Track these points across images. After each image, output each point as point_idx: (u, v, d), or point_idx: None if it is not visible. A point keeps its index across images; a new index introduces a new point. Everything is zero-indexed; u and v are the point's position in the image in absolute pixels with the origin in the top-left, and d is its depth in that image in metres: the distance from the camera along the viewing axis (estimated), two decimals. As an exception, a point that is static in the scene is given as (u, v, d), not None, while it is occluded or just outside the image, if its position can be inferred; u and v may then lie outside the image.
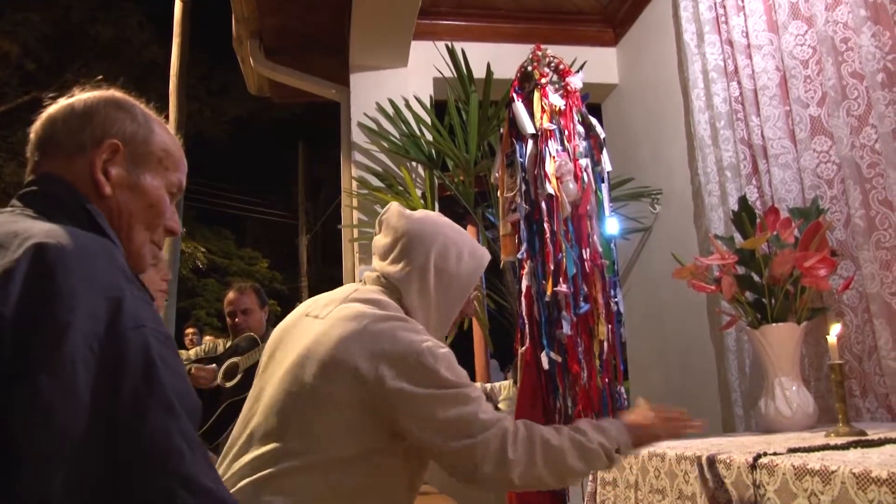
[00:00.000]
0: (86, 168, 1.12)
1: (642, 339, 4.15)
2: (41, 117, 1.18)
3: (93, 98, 1.19)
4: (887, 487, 1.13)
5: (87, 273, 0.91)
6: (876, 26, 2.43)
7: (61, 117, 1.16)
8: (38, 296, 0.86)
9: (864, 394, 2.49)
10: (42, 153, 1.15)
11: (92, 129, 1.14)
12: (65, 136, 1.14)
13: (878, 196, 2.44)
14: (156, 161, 1.20)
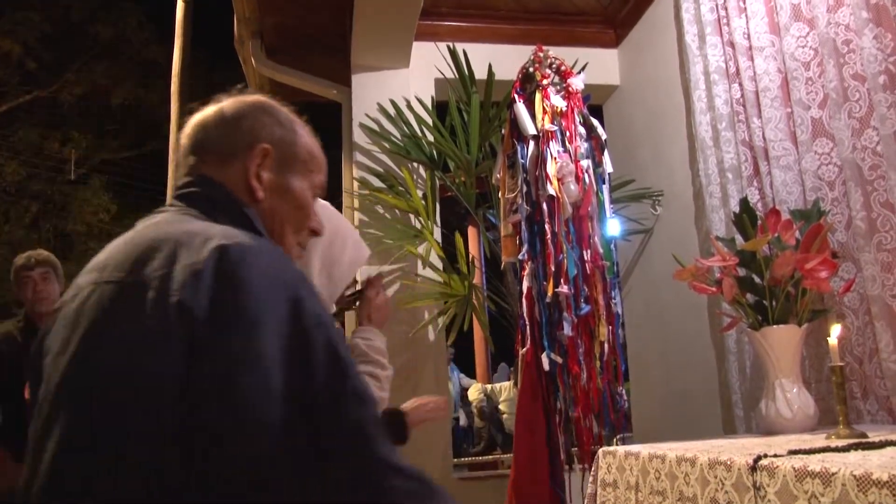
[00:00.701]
0: (239, 172, 1.17)
1: (643, 341, 4.15)
2: (192, 122, 1.24)
3: (241, 103, 1.24)
4: (888, 490, 1.13)
5: (268, 273, 0.94)
6: (878, 28, 2.43)
7: (212, 123, 1.21)
8: (227, 296, 0.90)
9: (865, 396, 2.49)
10: (196, 157, 1.20)
11: (243, 134, 1.20)
12: (217, 141, 1.20)
13: (879, 198, 2.44)
14: (301, 163, 1.26)
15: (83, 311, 0.97)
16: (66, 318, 1.00)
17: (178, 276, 0.91)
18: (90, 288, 0.99)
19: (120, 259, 0.99)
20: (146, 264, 0.95)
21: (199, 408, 0.85)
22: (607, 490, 2.14)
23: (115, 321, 0.93)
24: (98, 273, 1.01)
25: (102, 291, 0.97)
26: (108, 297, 0.96)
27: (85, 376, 0.93)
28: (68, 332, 0.98)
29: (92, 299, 0.97)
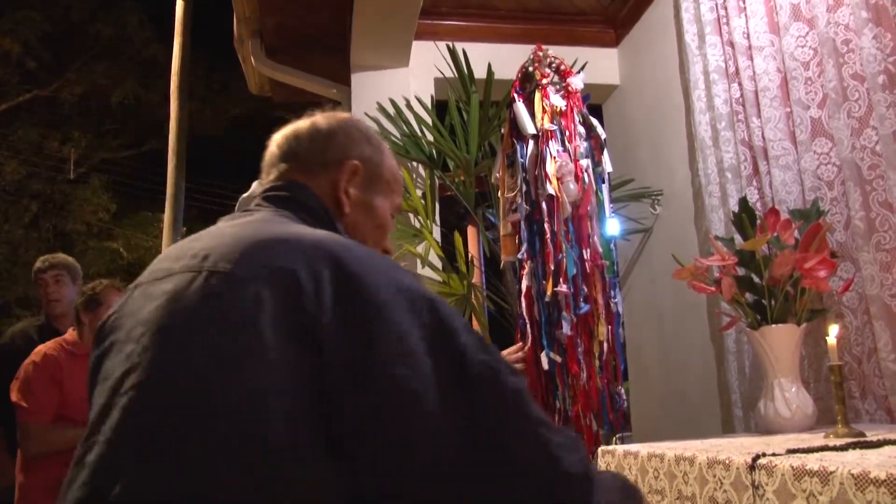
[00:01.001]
0: (328, 185, 1.24)
1: (642, 340, 4.15)
2: (285, 132, 1.29)
3: (335, 119, 1.30)
4: (885, 488, 1.13)
5: (383, 275, 0.96)
6: (877, 28, 2.43)
7: (306, 135, 1.28)
8: (353, 297, 0.92)
9: (864, 395, 2.49)
10: (288, 165, 1.25)
11: (335, 149, 1.26)
12: (309, 152, 1.26)
13: (878, 198, 2.45)
14: (385, 184, 1.32)
15: (184, 296, 0.97)
16: (154, 299, 1.00)
17: (302, 277, 0.92)
18: (189, 275, 0.99)
19: (225, 251, 1.00)
20: (260, 260, 0.96)
21: (345, 404, 0.87)
22: (606, 489, 2.14)
23: (229, 312, 0.93)
24: (197, 261, 1.01)
25: (209, 280, 0.97)
26: (219, 287, 0.95)
27: (189, 363, 0.92)
28: (161, 313, 0.97)
29: (195, 286, 0.97)
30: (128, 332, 1.00)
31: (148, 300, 1.01)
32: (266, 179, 1.28)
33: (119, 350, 1.00)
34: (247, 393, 0.87)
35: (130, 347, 0.97)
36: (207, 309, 0.94)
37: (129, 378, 0.93)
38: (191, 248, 1.05)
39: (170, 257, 1.08)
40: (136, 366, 0.94)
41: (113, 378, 0.96)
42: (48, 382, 3.07)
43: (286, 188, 1.21)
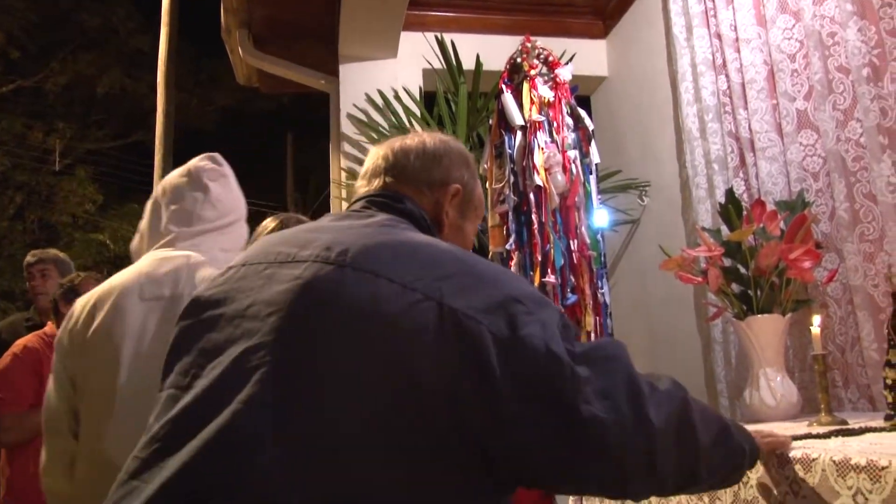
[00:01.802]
0: (431, 203, 1.32)
1: (629, 331, 4.17)
2: (393, 146, 1.36)
3: (442, 143, 1.39)
4: (866, 474, 1.15)
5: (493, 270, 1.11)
6: (862, 21, 2.45)
7: (414, 153, 1.35)
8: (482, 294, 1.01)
9: (847, 384, 2.52)
10: (394, 179, 1.32)
11: (441, 170, 1.34)
12: (416, 169, 1.33)
13: (862, 189, 2.47)
14: (474, 210, 1.41)
15: (325, 286, 1.02)
16: (281, 282, 1.05)
17: (443, 282, 1.01)
18: (327, 267, 1.04)
19: (367, 250, 1.05)
20: (403, 266, 1.03)
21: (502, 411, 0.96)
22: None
23: (380, 311, 0.99)
24: (333, 254, 1.06)
25: (350, 276, 1.02)
26: (365, 285, 1.01)
27: (336, 349, 0.98)
28: (294, 297, 1.02)
29: (337, 278, 1.02)
30: (244, 309, 1.05)
31: (270, 282, 1.06)
32: (370, 187, 1.34)
33: (232, 325, 1.05)
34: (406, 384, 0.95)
35: (252, 325, 1.02)
36: (360, 306, 1.00)
37: (257, 354, 0.99)
38: (315, 238, 1.11)
39: (288, 243, 1.13)
40: (266, 344, 0.99)
41: (228, 353, 1.02)
42: (28, 374, 3.08)
43: (396, 199, 1.28)
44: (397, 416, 0.94)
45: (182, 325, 1.14)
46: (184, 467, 0.92)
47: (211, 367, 1.02)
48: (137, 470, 0.97)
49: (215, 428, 0.94)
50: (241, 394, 0.96)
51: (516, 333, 0.97)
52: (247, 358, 0.99)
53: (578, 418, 0.96)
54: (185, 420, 0.98)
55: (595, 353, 1.04)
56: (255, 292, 1.06)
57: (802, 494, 1.30)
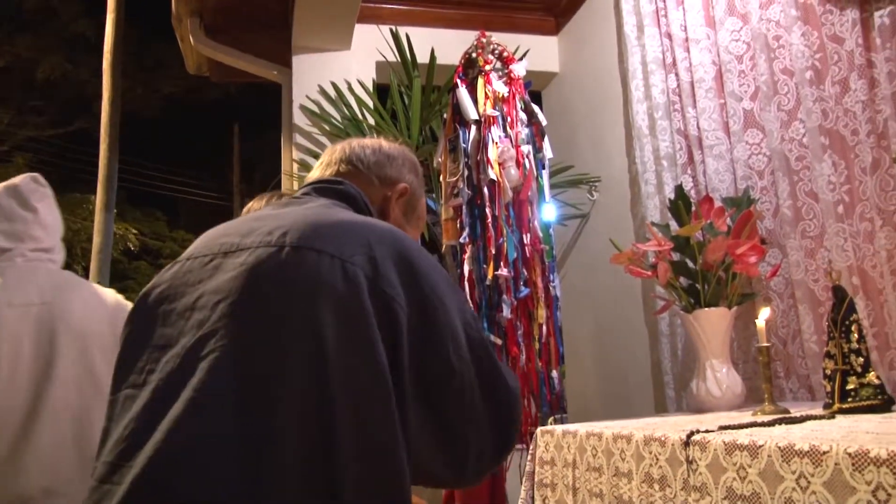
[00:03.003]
0: (380, 197, 1.41)
1: (578, 323, 4.24)
2: (350, 141, 1.46)
3: (397, 146, 1.49)
4: (808, 459, 1.21)
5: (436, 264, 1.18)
6: (805, 26, 2.54)
7: (370, 148, 1.44)
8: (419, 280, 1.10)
9: (788, 375, 2.62)
10: (348, 166, 1.41)
11: (393, 169, 1.44)
12: (370, 162, 1.42)
13: (804, 188, 2.57)
14: (416, 217, 1.50)
15: (269, 269, 1.06)
16: (227, 271, 1.08)
17: (380, 260, 1.08)
18: (270, 249, 1.08)
19: (306, 231, 1.10)
20: (340, 242, 1.08)
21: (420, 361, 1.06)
22: (545, 468, 2.20)
23: (323, 285, 1.03)
24: (274, 237, 1.09)
25: (298, 255, 1.06)
26: (307, 262, 1.06)
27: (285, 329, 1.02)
28: (241, 283, 1.05)
29: (280, 260, 1.06)
30: (193, 301, 1.08)
31: (217, 272, 1.10)
32: (323, 173, 1.42)
33: (182, 318, 1.07)
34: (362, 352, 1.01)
35: (202, 315, 1.05)
36: (304, 282, 1.04)
37: (207, 344, 1.02)
38: (258, 226, 1.15)
39: (231, 233, 1.16)
40: (216, 331, 1.02)
41: (180, 345, 1.04)
42: None
43: (342, 184, 1.35)
44: (351, 379, 0.99)
45: (131, 325, 1.15)
46: (150, 463, 0.94)
47: (164, 361, 1.04)
48: (107, 473, 0.99)
49: (172, 419, 0.97)
50: (195, 382, 0.98)
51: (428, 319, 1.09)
52: (198, 347, 1.02)
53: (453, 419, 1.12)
54: (145, 416, 1.00)
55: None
56: (203, 284, 1.09)
57: (748, 479, 1.35)
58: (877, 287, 2.33)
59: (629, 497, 1.75)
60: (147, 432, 0.97)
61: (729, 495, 1.40)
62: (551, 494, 2.12)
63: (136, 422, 1.00)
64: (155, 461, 0.94)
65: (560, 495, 2.07)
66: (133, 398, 1.04)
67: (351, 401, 0.98)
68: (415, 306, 1.07)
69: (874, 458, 1.08)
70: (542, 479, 2.19)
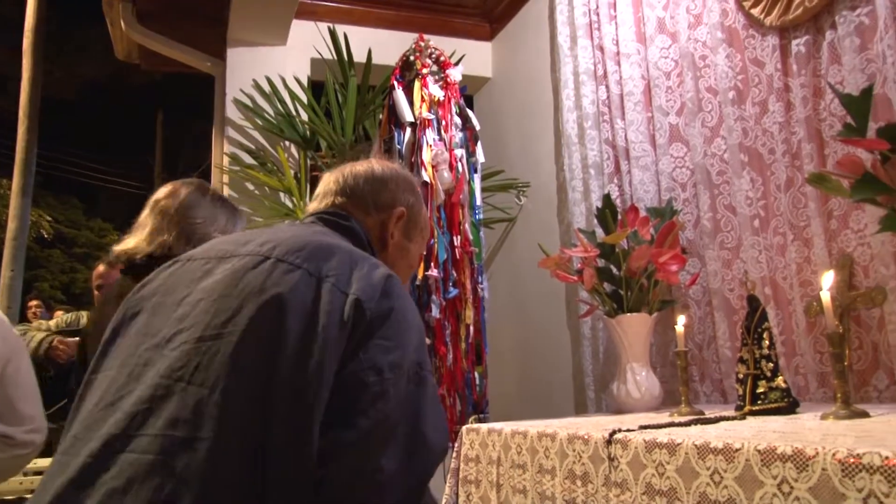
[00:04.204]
0: (378, 225, 1.45)
1: (503, 325, 4.31)
2: (343, 170, 1.49)
3: (389, 168, 1.52)
4: (722, 456, 1.30)
5: (409, 301, 1.18)
6: (730, 48, 2.67)
7: (363, 176, 1.47)
8: (390, 307, 1.11)
9: (703, 379, 2.74)
10: (345, 199, 1.44)
11: (388, 194, 1.47)
12: (365, 192, 1.45)
13: (723, 201, 2.69)
14: (419, 231, 1.54)
15: (248, 275, 1.11)
16: (215, 275, 1.14)
17: (361, 284, 1.11)
18: (255, 258, 1.14)
19: (292, 247, 1.15)
20: (323, 263, 1.13)
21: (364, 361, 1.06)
22: (470, 465, 2.25)
23: (299, 300, 1.07)
24: (265, 249, 1.16)
25: (276, 266, 1.12)
26: (285, 273, 1.10)
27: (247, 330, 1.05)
28: (222, 285, 1.11)
29: (261, 269, 1.12)
30: (182, 297, 1.15)
31: (207, 275, 1.17)
32: (320, 205, 1.46)
33: (169, 311, 1.14)
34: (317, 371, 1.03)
35: (184, 310, 1.12)
36: (278, 290, 1.08)
37: (181, 335, 1.08)
38: (255, 237, 1.21)
39: (232, 242, 1.23)
40: (190, 326, 1.08)
41: (160, 336, 1.11)
42: None
43: (340, 216, 1.40)
44: (308, 387, 1.02)
45: (122, 312, 1.21)
46: (108, 437, 1.00)
47: (144, 348, 1.10)
48: (69, 446, 1.04)
49: (134, 399, 1.03)
50: (163, 369, 1.05)
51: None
52: (173, 338, 1.08)
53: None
54: (114, 395, 1.06)
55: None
56: (194, 284, 1.16)
57: (666, 476, 1.44)
58: (787, 297, 2.47)
59: (552, 493, 1.82)
60: (112, 410, 1.03)
61: (648, 491, 1.48)
62: (475, 491, 2.17)
63: (105, 400, 1.06)
64: (112, 438, 0.99)
65: (484, 492, 2.12)
66: (108, 378, 1.11)
67: (290, 410, 1.01)
68: (380, 318, 1.10)
69: (780, 455, 1.17)
70: (467, 475, 2.24)
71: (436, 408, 1.16)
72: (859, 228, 2.23)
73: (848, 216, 2.27)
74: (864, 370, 2.19)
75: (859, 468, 1.04)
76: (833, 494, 1.07)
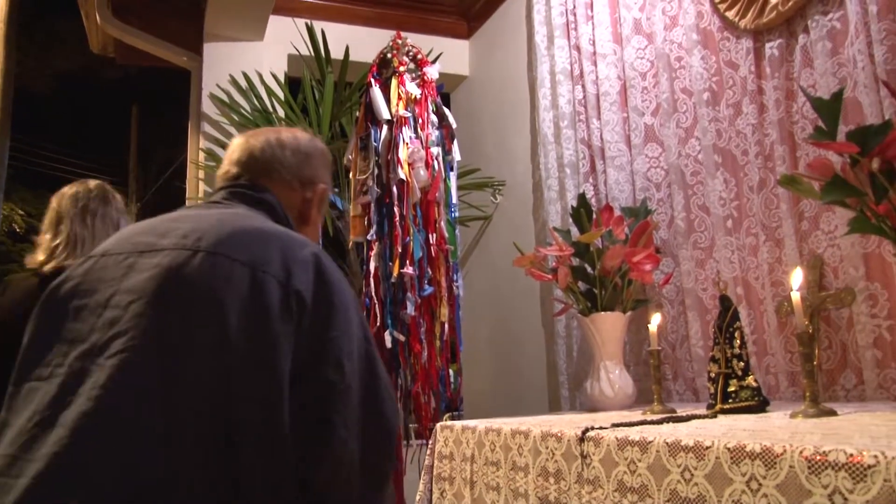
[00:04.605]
0: (299, 199, 1.42)
1: (478, 323, 4.32)
2: (268, 137, 1.43)
3: (312, 143, 1.48)
4: (693, 454, 1.32)
5: (341, 276, 1.19)
6: (704, 50, 2.70)
7: (290, 147, 1.42)
8: (325, 288, 1.14)
9: (675, 377, 2.77)
10: (264, 169, 1.39)
11: (310, 168, 1.44)
12: (290, 164, 1.41)
13: (697, 202, 2.72)
14: (325, 208, 1.51)
15: (184, 272, 1.08)
16: (142, 271, 1.10)
17: (301, 278, 1.12)
18: (185, 253, 1.11)
19: (221, 237, 1.14)
20: (253, 251, 1.13)
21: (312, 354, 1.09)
22: (444, 462, 2.26)
23: (233, 290, 1.07)
24: (190, 241, 1.13)
25: (211, 260, 1.10)
26: (220, 268, 1.09)
27: (195, 331, 1.05)
28: (156, 284, 1.08)
29: (195, 264, 1.09)
30: (106, 299, 1.08)
31: (131, 271, 1.11)
32: (235, 173, 1.39)
33: (94, 315, 1.08)
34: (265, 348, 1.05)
35: (114, 314, 1.07)
36: (215, 286, 1.07)
37: (117, 342, 1.03)
38: (174, 227, 1.17)
39: (149, 232, 1.18)
40: (127, 331, 1.04)
41: (90, 342, 1.05)
42: None
43: (257, 189, 1.36)
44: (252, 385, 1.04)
45: (38, 318, 1.14)
46: (53, 458, 0.95)
47: (73, 357, 1.05)
48: (5, 466, 0.98)
49: (76, 415, 0.98)
50: (103, 379, 1.00)
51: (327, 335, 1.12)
52: (108, 344, 1.03)
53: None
54: (49, 410, 1.00)
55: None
56: (117, 282, 1.10)
57: (638, 473, 1.45)
58: (758, 297, 2.50)
59: (525, 490, 1.83)
60: (51, 427, 0.98)
61: (619, 488, 1.49)
62: (449, 488, 2.18)
63: (40, 415, 1.00)
64: (58, 457, 0.95)
65: (458, 488, 2.13)
66: (36, 391, 1.04)
67: (250, 402, 1.02)
68: (321, 305, 1.11)
69: (749, 453, 1.19)
70: (441, 472, 2.25)
71: (387, 382, 1.20)
72: (830, 230, 2.26)
73: (819, 218, 2.30)
74: (833, 370, 2.23)
75: (825, 465, 1.05)
76: (800, 491, 1.09)
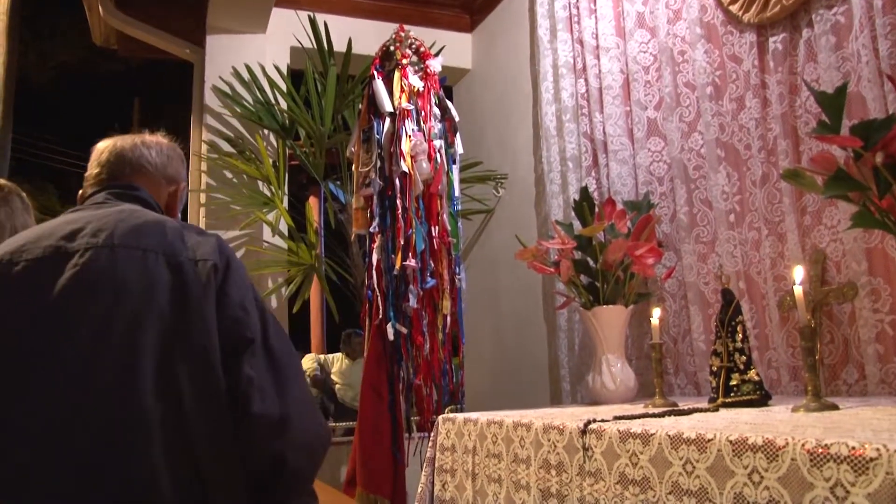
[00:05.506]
0: (166, 195, 1.55)
1: (479, 316, 4.33)
2: (135, 140, 1.56)
3: (170, 144, 1.61)
4: (695, 446, 1.32)
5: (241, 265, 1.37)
6: (708, 44, 2.69)
7: (155, 148, 1.56)
8: (230, 264, 1.31)
9: (677, 371, 2.77)
10: (133, 170, 1.51)
11: (173, 167, 1.58)
12: (157, 164, 1.54)
13: (700, 196, 2.72)
14: (182, 202, 1.63)
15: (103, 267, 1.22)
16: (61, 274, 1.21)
17: (203, 249, 1.29)
18: (103, 251, 1.24)
19: (128, 231, 1.28)
20: (157, 238, 1.28)
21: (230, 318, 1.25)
22: (445, 454, 2.27)
23: (158, 278, 1.23)
24: (100, 239, 1.26)
25: (120, 253, 1.24)
26: (135, 258, 1.24)
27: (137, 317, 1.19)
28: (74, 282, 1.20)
29: (113, 259, 1.23)
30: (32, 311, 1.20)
31: (50, 281, 1.21)
32: (108, 175, 1.50)
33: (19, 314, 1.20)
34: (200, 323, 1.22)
35: (47, 314, 1.19)
36: (136, 275, 1.22)
37: (49, 337, 1.18)
38: (79, 228, 1.29)
39: (54, 236, 1.28)
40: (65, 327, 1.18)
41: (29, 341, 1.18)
42: None
43: (131, 187, 1.48)
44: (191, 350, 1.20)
45: None
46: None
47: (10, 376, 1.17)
48: None
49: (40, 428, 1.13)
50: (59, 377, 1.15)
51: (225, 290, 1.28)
52: (41, 341, 1.17)
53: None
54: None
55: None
56: (39, 284, 1.21)
57: (640, 465, 1.46)
58: (760, 291, 2.50)
59: (527, 482, 1.84)
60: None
61: (621, 480, 1.50)
62: (451, 480, 2.19)
63: None
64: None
65: (459, 480, 2.14)
66: None
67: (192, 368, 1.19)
68: (227, 273, 1.29)
69: (751, 445, 1.19)
70: (443, 464, 2.25)
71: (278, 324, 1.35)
72: (832, 224, 2.27)
73: (821, 212, 2.30)
74: (835, 364, 2.23)
75: (827, 458, 1.06)
76: (801, 484, 1.09)
